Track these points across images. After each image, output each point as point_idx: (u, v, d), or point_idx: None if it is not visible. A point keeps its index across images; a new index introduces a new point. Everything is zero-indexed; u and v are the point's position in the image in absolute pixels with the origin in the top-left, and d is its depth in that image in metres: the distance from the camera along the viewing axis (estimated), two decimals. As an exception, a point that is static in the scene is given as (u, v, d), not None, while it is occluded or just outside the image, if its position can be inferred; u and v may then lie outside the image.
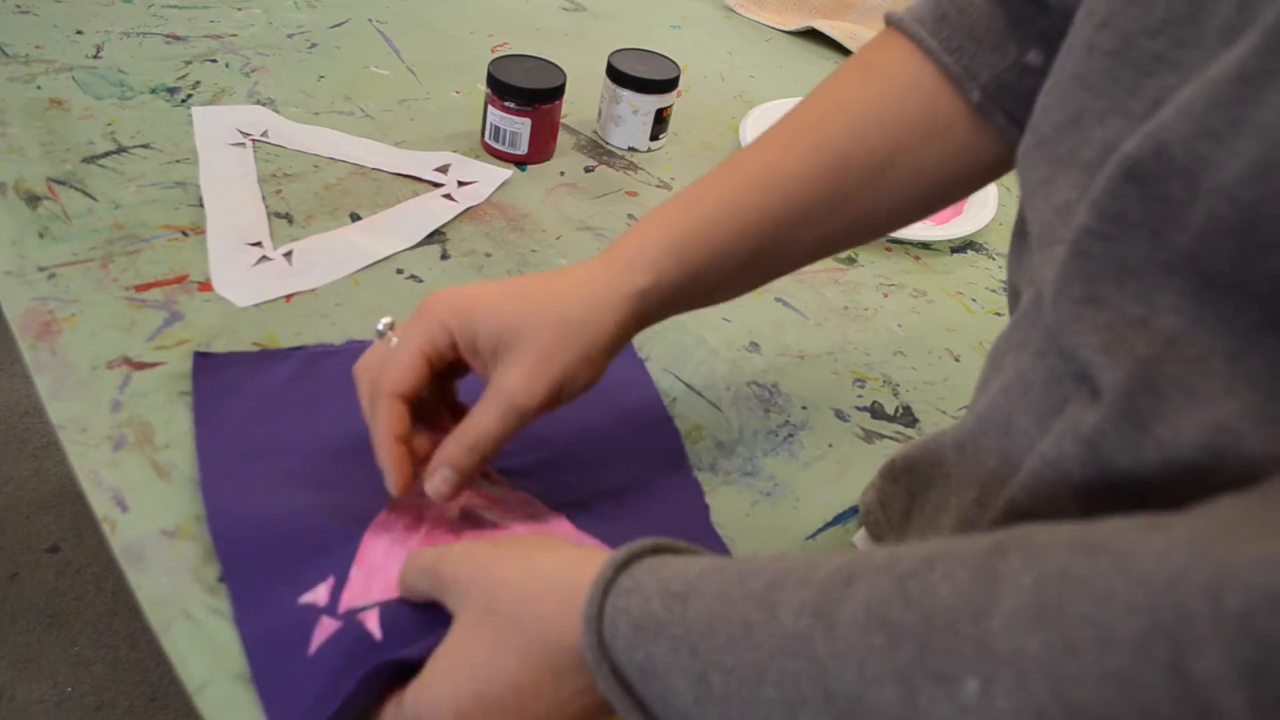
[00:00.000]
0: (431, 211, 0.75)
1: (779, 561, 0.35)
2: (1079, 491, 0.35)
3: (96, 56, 0.84)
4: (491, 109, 0.82)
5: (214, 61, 0.87)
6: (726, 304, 0.58)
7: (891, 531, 0.52)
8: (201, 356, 0.58)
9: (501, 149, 0.83)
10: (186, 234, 0.68)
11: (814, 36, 1.21)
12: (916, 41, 0.51)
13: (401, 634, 0.45)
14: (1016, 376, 0.40)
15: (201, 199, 0.71)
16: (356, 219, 0.73)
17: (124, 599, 1.43)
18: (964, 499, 0.43)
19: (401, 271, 0.69)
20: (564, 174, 0.84)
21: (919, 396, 0.70)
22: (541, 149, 0.84)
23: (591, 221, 0.79)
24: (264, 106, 0.83)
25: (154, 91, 0.82)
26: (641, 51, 0.90)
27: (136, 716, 1.32)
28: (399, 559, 0.49)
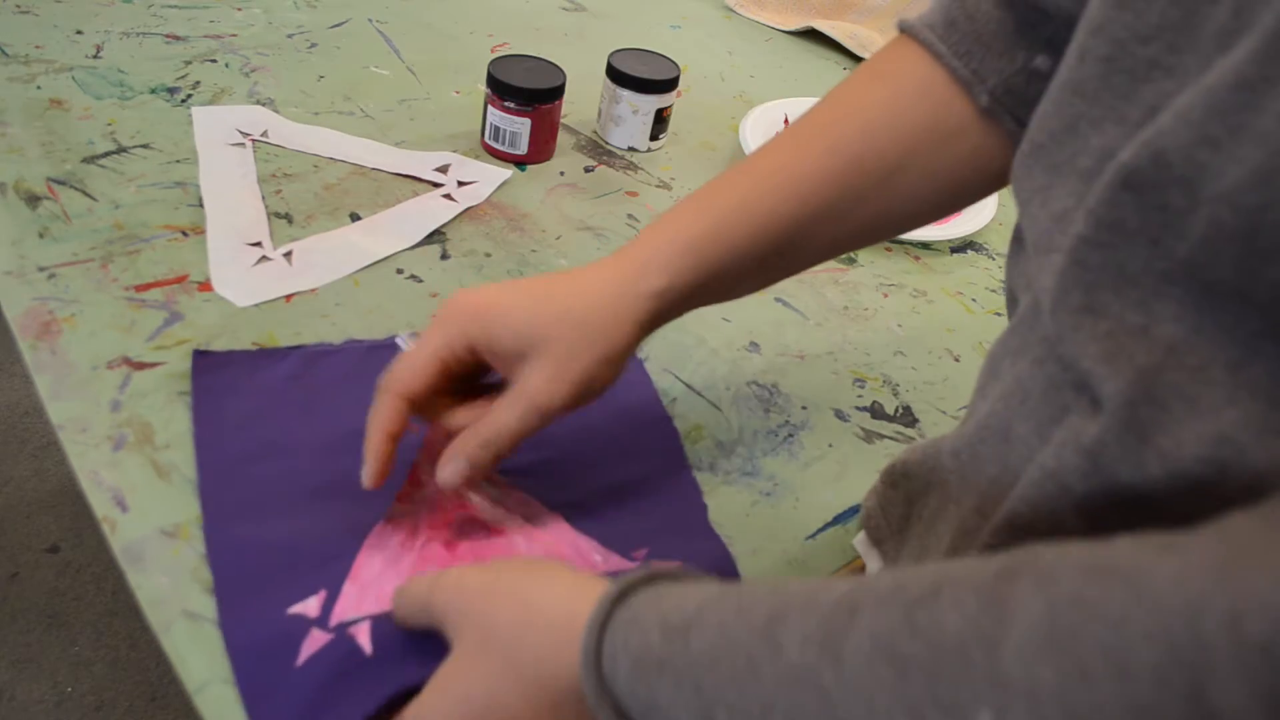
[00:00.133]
0: (431, 211, 0.75)
1: (779, 590, 0.34)
2: (1080, 505, 0.34)
3: (96, 56, 0.84)
4: (491, 109, 0.82)
5: (214, 61, 0.87)
6: (726, 304, 0.58)
7: (891, 536, 0.52)
8: (200, 355, 0.58)
9: (501, 149, 0.83)
10: (186, 234, 0.68)
11: (814, 36, 1.21)
12: (926, 47, 0.51)
13: (393, 648, 0.45)
14: (1015, 384, 0.40)
15: (201, 199, 0.71)
16: (356, 219, 0.73)
17: (124, 599, 1.43)
18: (963, 507, 0.43)
19: (401, 271, 0.69)
20: (564, 174, 0.84)
21: (919, 396, 0.70)
22: (541, 149, 0.84)
23: (591, 221, 0.79)
24: (264, 106, 0.83)
25: (154, 91, 0.82)
26: (641, 51, 0.90)
27: (136, 716, 1.32)
28: (393, 574, 0.49)
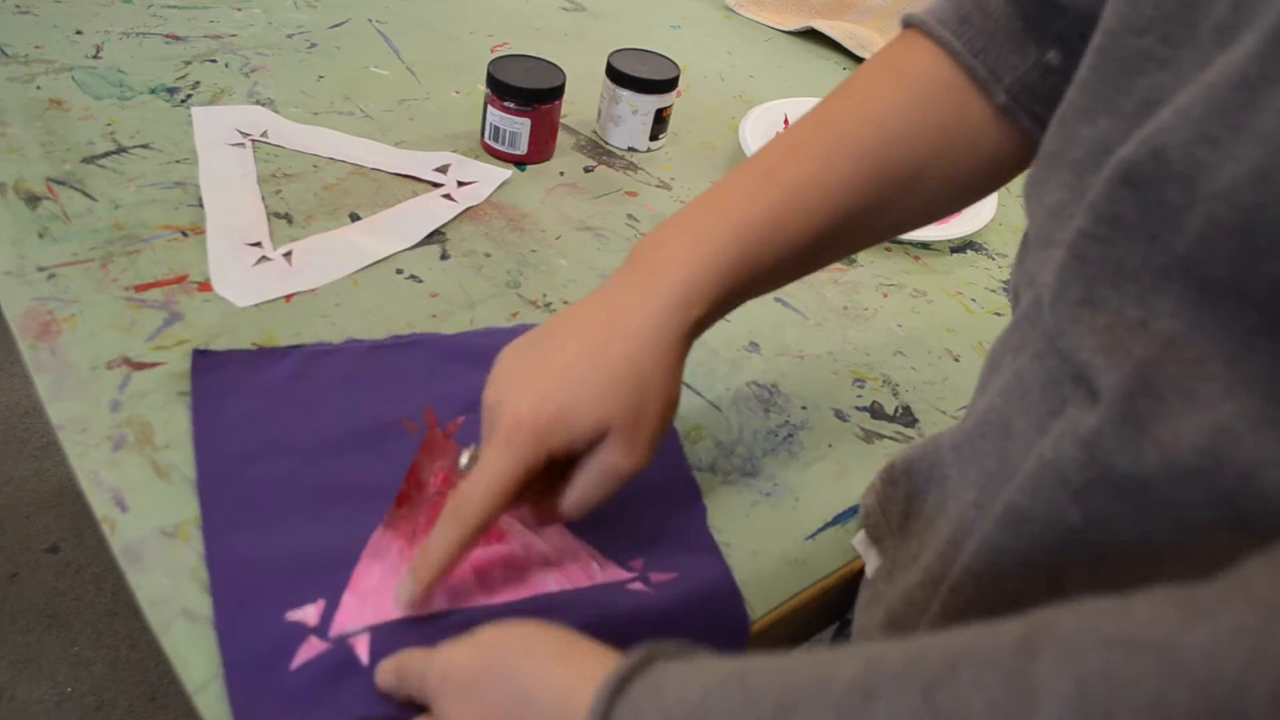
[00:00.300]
0: (431, 211, 0.75)
1: (786, 672, 0.32)
2: (1077, 494, 0.35)
3: (96, 56, 0.84)
4: (491, 109, 0.82)
5: (214, 61, 0.87)
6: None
7: (891, 534, 0.52)
8: (200, 355, 0.58)
9: (501, 149, 0.83)
10: (186, 234, 0.68)
11: (813, 36, 1.21)
12: (942, 44, 0.50)
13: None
14: (1015, 378, 0.40)
15: (201, 199, 0.71)
16: (356, 219, 0.73)
17: (124, 599, 1.43)
18: (962, 501, 0.43)
19: (401, 271, 0.69)
20: (563, 174, 0.84)
21: (919, 396, 0.70)
22: (541, 149, 0.84)
23: (591, 221, 0.79)
24: (264, 106, 0.83)
25: (154, 91, 0.82)
26: (641, 51, 0.90)
27: (136, 716, 1.32)
28: (392, 583, 0.49)
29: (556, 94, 0.82)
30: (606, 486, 0.47)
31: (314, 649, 0.45)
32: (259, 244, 0.68)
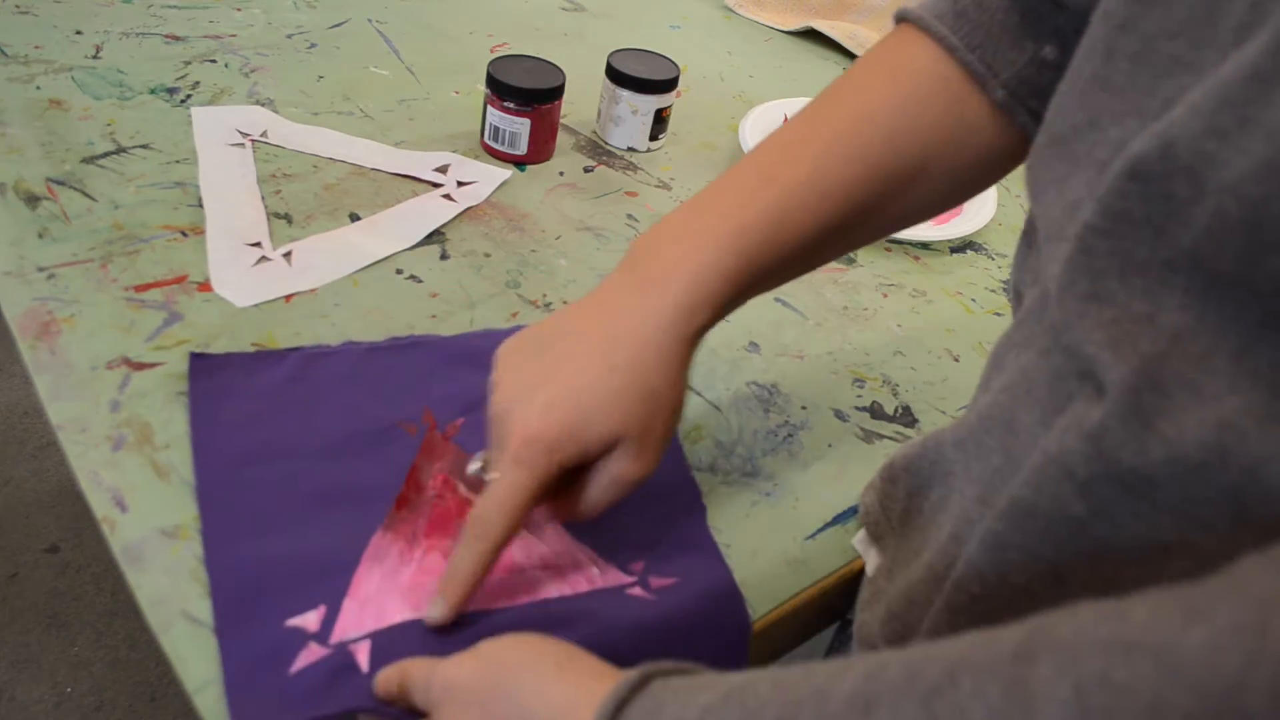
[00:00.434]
0: (431, 212, 0.75)
1: (785, 687, 0.32)
2: (1082, 489, 0.35)
3: (96, 57, 0.84)
4: (491, 109, 0.82)
5: (213, 62, 0.87)
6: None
7: (891, 532, 0.52)
8: (197, 358, 0.58)
9: (501, 149, 0.83)
10: (186, 234, 0.68)
11: (813, 36, 1.21)
12: (937, 39, 0.50)
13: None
14: (1019, 374, 0.40)
15: (201, 199, 0.71)
16: (356, 219, 0.73)
17: (124, 599, 1.43)
18: (966, 497, 0.43)
19: (401, 272, 0.69)
20: (563, 174, 0.84)
21: (918, 396, 0.70)
22: (541, 149, 0.84)
23: (591, 222, 0.79)
24: (263, 107, 0.83)
25: (153, 92, 0.82)
26: (641, 51, 0.90)
27: (136, 716, 1.32)
28: (392, 587, 0.49)
29: (556, 94, 0.82)
30: (617, 492, 0.48)
31: (314, 654, 0.45)
32: (259, 244, 0.68)
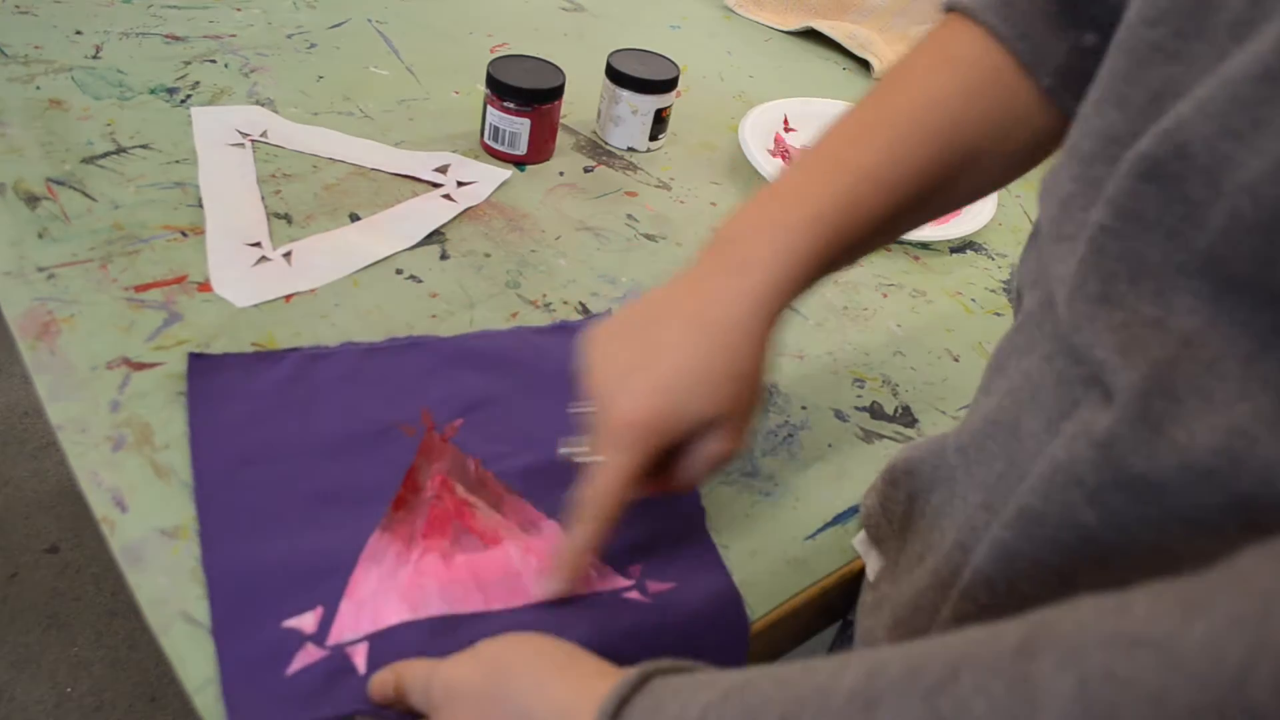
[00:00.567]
0: (431, 212, 0.75)
1: (786, 684, 0.32)
2: (1092, 496, 0.34)
3: (96, 57, 0.84)
4: (491, 109, 0.82)
5: (213, 62, 0.87)
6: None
7: (893, 535, 0.52)
8: (196, 358, 0.58)
9: (501, 149, 0.83)
10: (186, 234, 0.68)
11: (813, 36, 1.21)
12: (989, 29, 0.51)
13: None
14: (1023, 380, 0.40)
15: (201, 199, 0.71)
16: (356, 219, 0.73)
17: (124, 599, 1.43)
18: (969, 503, 0.43)
19: (401, 272, 0.69)
20: (563, 174, 0.84)
21: (918, 396, 0.70)
22: (541, 149, 0.84)
23: (591, 222, 0.79)
24: (263, 107, 0.83)
25: (153, 92, 0.82)
26: (641, 52, 0.90)
27: (136, 716, 1.32)
28: (390, 588, 0.49)
29: (556, 94, 0.82)
30: (713, 470, 0.50)
31: (311, 655, 0.45)
32: (259, 244, 0.68)
